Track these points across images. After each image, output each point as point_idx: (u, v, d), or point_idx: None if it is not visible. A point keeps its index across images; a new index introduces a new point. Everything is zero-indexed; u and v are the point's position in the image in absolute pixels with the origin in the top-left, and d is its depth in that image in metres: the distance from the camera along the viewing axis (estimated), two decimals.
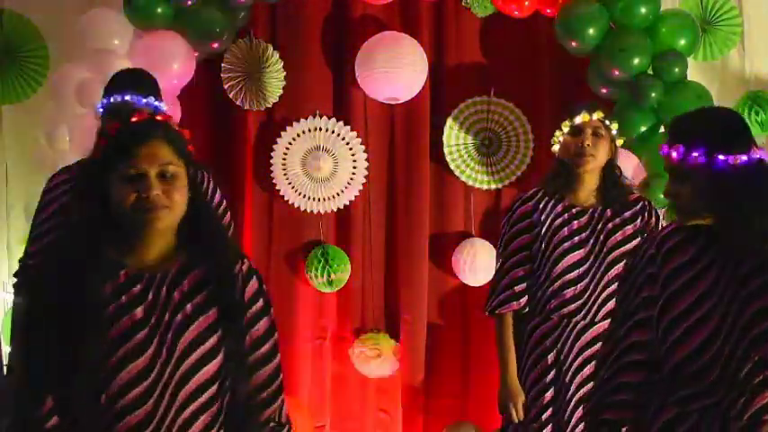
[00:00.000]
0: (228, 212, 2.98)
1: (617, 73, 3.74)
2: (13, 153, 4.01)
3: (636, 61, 3.70)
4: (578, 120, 2.94)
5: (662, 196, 3.64)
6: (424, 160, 4.19)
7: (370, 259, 4.20)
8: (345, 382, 4.21)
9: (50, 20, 3.97)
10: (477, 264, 4.08)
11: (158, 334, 1.80)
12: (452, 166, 4.20)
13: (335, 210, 4.16)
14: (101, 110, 2.80)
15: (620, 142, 3.06)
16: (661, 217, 3.07)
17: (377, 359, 4.09)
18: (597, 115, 2.94)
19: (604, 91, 3.88)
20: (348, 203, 4.18)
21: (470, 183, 4.23)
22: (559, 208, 2.98)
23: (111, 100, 2.75)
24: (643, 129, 3.77)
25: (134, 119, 1.87)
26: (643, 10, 3.73)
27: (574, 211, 2.98)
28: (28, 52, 3.97)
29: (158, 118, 1.89)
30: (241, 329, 1.86)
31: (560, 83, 4.20)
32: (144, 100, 2.72)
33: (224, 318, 1.84)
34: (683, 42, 3.78)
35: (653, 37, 3.75)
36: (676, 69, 3.71)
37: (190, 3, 3.69)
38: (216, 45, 3.81)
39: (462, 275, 4.13)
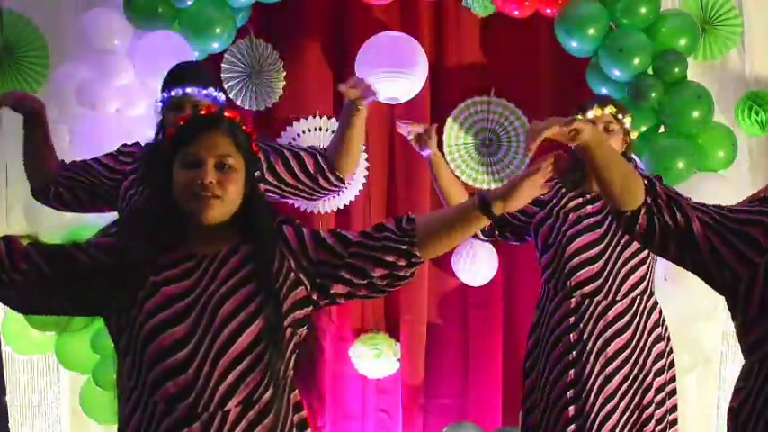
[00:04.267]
0: None
1: (617, 73, 3.75)
2: (13, 153, 3.99)
3: (636, 61, 3.70)
4: (590, 115, 3.00)
5: None
6: (424, 160, 4.18)
7: None
8: (345, 382, 4.21)
9: (50, 20, 3.96)
10: (477, 264, 4.08)
11: (199, 305, 1.89)
12: (452, 166, 4.20)
13: (335, 210, 4.16)
14: (161, 104, 2.85)
15: (634, 134, 3.13)
16: None
17: (377, 359, 4.09)
18: (609, 110, 3.03)
19: (604, 91, 3.88)
20: (348, 203, 4.18)
21: (470, 183, 4.23)
22: (574, 192, 3.08)
23: (173, 93, 2.80)
24: (643, 129, 3.77)
25: (202, 112, 1.99)
26: (643, 10, 3.73)
27: (588, 196, 3.08)
28: (28, 52, 3.96)
29: (225, 114, 1.98)
30: (277, 302, 1.93)
31: (560, 83, 4.20)
32: (204, 91, 2.80)
33: (261, 288, 1.91)
34: (683, 42, 3.78)
35: (653, 37, 3.75)
36: (676, 69, 3.72)
37: (190, 3, 3.68)
38: (216, 45, 3.81)
39: (462, 275, 4.13)
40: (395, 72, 3.85)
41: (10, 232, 4.00)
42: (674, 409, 3.14)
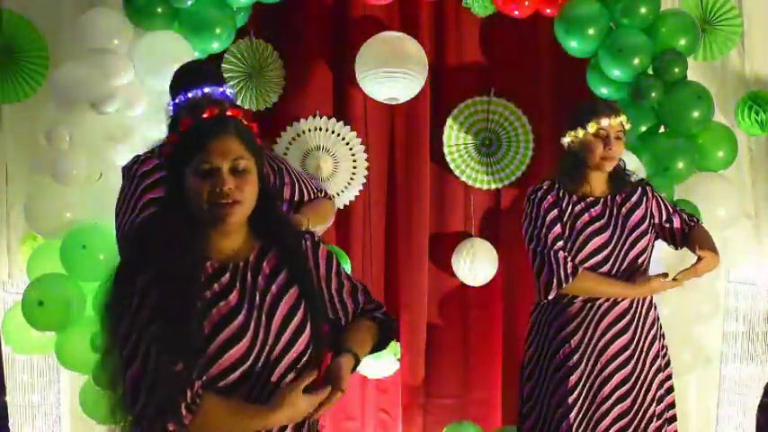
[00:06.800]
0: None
1: (617, 73, 3.75)
2: (13, 153, 4.00)
3: (636, 61, 3.70)
4: (605, 123, 2.99)
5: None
6: (424, 160, 4.20)
7: (370, 259, 4.20)
8: None
9: (50, 20, 3.97)
10: (477, 264, 4.08)
11: (254, 318, 1.88)
12: (452, 166, 4.21)
13: (335, 209, 4.16)
14: (174, 106, 2.70)
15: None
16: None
17: (377, 359, 4.09)
18: (622, 119, 3.02)
19: (604, 91, 3.88)
20: (348, 203, 4.18)
21: (470, 183, 4.23)
22: (575, 198, 3.06)
23: (191, 95, 2.67)
24: (643, 129, 3.78)
25: (205, 114, 1.90)
26: (643, 10, 3.73)
27: (588, 200, 3.06)
28: (28, 52, 3.96)
29: (228, 113, 1.92)
30: (320, 301, 2.00)
31: (560, 83, 4.20)
32: (219, 89, 2.70)
33: (304, 293, 1.95)
34: (683, 42, 3.78)
35: (653, 37, 3.75)
36: (676, 69, 3.71)
37: (190, 3, 3.68)
38: (216, 45, 3.80)
39: (462, 275, 4.13)
40: (395, 72, 3.85)
41: (10, 232, 4.05)
42: (672, 405, 3.14)
